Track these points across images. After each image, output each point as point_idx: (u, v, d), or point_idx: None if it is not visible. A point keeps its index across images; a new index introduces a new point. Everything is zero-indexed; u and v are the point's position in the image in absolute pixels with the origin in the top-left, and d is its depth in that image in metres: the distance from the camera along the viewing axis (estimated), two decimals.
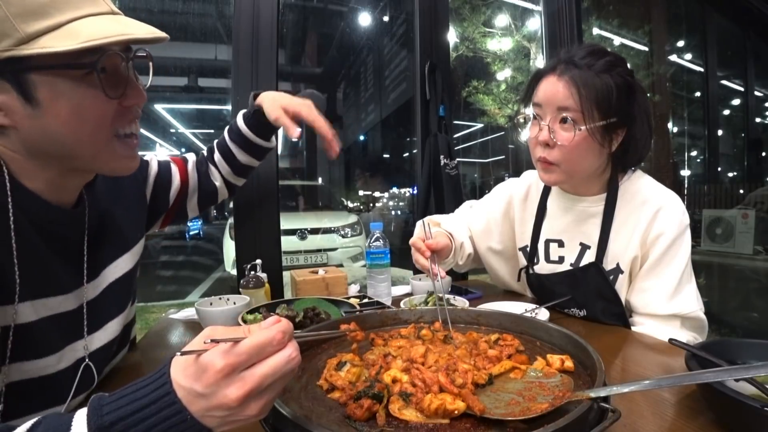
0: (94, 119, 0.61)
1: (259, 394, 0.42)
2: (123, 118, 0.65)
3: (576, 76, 0.96)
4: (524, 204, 1.27)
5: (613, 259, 1.07)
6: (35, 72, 0.56)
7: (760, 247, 3.66)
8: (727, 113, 6.85)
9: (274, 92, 1.15)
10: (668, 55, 5.98)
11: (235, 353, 0.41)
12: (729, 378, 0.55)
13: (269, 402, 0.43)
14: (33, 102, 0.57)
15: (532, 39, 6.69)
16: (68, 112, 0.59)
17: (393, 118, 6.88)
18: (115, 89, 0.62)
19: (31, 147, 0.61)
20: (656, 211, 1.03)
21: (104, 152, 0.65)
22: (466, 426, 0.51)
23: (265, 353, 0.42)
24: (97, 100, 0.60)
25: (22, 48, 0.54)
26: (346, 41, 8.27)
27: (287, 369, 0.43)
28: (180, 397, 0.41)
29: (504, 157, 10.17)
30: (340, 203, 8.33)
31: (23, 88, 0.56)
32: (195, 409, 0.41)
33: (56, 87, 0.57)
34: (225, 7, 6.63)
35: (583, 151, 0.99)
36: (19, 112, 0.58)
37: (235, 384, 0.41)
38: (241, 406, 0.41)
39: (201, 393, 0.41)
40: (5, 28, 0.53)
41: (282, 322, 0.44)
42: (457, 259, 1.27)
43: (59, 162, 0.64)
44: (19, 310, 0.61)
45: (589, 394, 0.49)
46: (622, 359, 0.88)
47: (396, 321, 0.86)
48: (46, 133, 0.59)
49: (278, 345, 0.43)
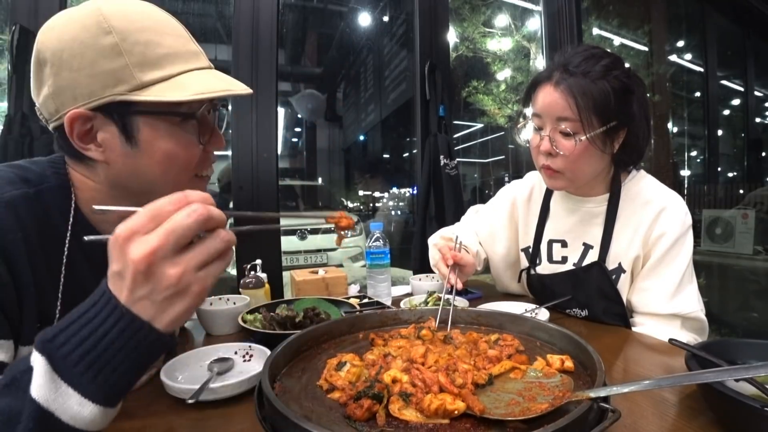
0: (184, 161, 0.66)
1: (171, 257, 0.40)
2: (204, 161, 0.71)
3: (573, 85, 0.95)
4: (527, 205, 1.27)
5: (615, 258, 1.07)
6: (141, 115, 0.61)
7: (760, 247, 3.66)
8: (727, 113, 6.85)
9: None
10: (668, 55, 5.97)
11: (132, 218, 0.41)
12: (729, 378, 0.55)
13: (191, 270, 0.41)
14: (132, 142, 0.62)
15: (532, 39, 6.69)
16: (163, 153, 0.64)
17: (393, 118, 6.87)
18: (204, 136, 0.68)
19: (114, 180, 0.65)
20: (659, 211, 1.03)
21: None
22: (466, 426, 0.50)
23: (165, 213, 0.41)
24: (189, 144, 0.66)
25: (135, 94, 0.59)
26: (346, 41, 8.27)
27: (189, 222, 0.40)
28: (111, 290, 0.41)
29: (504, 157, 10.16)
30: (340, 203, 8.32)
31: (126, 129, 0.61)
32: (123, 296, 0.41)
33: (157, 131, 0.63)
34: (225, 7, 6.63)
35: (585, 158, 1.00)
36: (117, 150, 0.62)
37: (137, 245, 0.40)
38: (152, 271, 0.39)
39: (116, 271, 0.41)
40: (124, 76, 0.59)
41: (191, 191, 0.43)
42: (476, 268, 1.30)
43: (135, 196, 0.67)
44: None
45: (589, 394, 0.49)
46: (622, 359, 0.88)
47: (396, 321, 0.86)
48: (136, 170, 0.64)
49: (177, 203, 0.41)
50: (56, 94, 0.59)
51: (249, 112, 1.69)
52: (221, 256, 0.44)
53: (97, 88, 0.58)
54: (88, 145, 0.62)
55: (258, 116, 1.70)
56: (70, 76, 0.58)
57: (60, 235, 0.63)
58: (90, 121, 0.60)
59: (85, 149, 0.62)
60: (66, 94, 0.59)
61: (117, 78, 0.58)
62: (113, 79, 0.58)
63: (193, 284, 0.41)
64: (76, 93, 0.59)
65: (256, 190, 1.67)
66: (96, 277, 0.66)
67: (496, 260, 1.34)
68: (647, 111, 1.03)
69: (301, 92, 9.01)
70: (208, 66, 0.68)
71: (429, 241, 1.30)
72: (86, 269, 0.66)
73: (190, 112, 0.64)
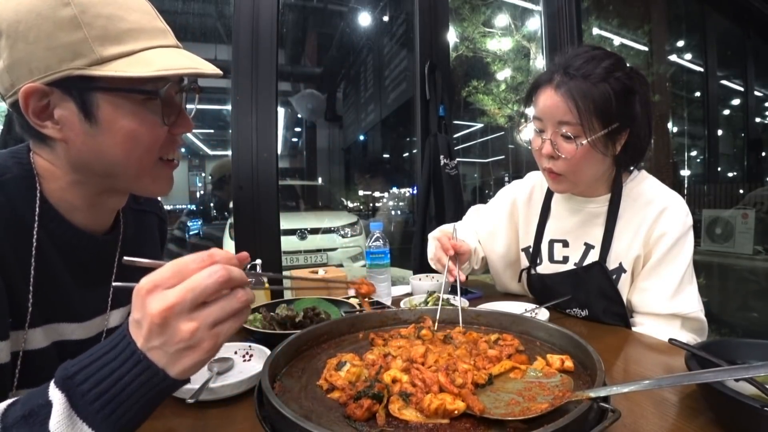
0: (147, 143, 0.64)
1: (186, 313, 0.42)
2: (170, 144, 0.68)
3: (573, 88, 0.95)
4: (528, 205, 1.28)
5: (616, 258, 1.07)
6: (101, 92, 0.59)
7: (760, 247, 3.66)
8: (727, 113, 6.85)
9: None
10: (668, 55, 5.97)
11: (156, 272, 0.42)
12: (729, 378, 0.55)
13: (205, 327, 0.43)
14: (92, 120, 0.59)
15: (532, 39, 6.68)
16: (125, 133, 0.61)
17: (393, 118, 6.87)
18: (169, 117, 0.65)
19: (76, 162, 0.63)
20: (660, 211, 1.03)
21: (148, 174, 0.67)
22: (466, 426, 0.50)
23: (188, 271, 0.43)
24: (153, 125, 0.63)
25: (94, 68, 0.56)
26: (346, 41, 8.26)
27: (209, 283, 0.42)
28: (131, 335, 0.43)
29: (504, 157, 10.16)
30: (340, 203, 8.32)
31: (85, 106, 0.59)
32: (140, 342, 0.42)
33: (118, 109, 0.60)
34: (225, 7, 6.63)
35: (587, 161, 1.00)
36: (76, 127, 0.60)
37: (156, 299, 0.41)
38: (167, 324, 0.41)
39: (136, 320, 0.42)
40: (82, 49, 0.56)
41: (217, 250, 0.45)
42: (473, 265, 1.31)
43: (100, 179, 0.65)
44: (30, 336, 0.61)
45: (588, 394, 0.49)
46: (622, 359, 0.88)
47: (396, 321, 0.86)
48: (97, 150, 0.61)
49: (202, 263, 0.43)
50: (11, 67, 0.57)
51: (249, 112, 1.69)
52: (236, 315, 0.45)
53: (53, 62, 0.56)
54: (44, 122, 0.59)
55: (258, 116, 1.70)
56: (26, 49, 0.55)
57: (27, 225, 0.61)
58: (46, 97, 0.58)
59: (42, 126, 0.59)
60: (21, 68, 0.56)
61: (75, 52, 0.56)
62: (71, 53, 0.56)
63: (205, 340, 0.43)
64: (32, 67, 0.56)
65: (256, 190, 1.67)
66: (67, 265, 0.65)
67: (495, 259, 1.34)
68: (649, 110, 1.03)
69: (301, 92, 9.01)
70: (175, 44, 0.65)
71: (429, 236, 1.30)
72: (57, 258, 0.64)
73: (154, 90, 0.61)
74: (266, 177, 1.68)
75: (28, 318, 0.60)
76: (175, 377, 0.43)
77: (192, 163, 12.04)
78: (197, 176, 11.14)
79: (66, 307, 0.67)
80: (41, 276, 0.61)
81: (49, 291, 0.63)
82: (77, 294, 0.69)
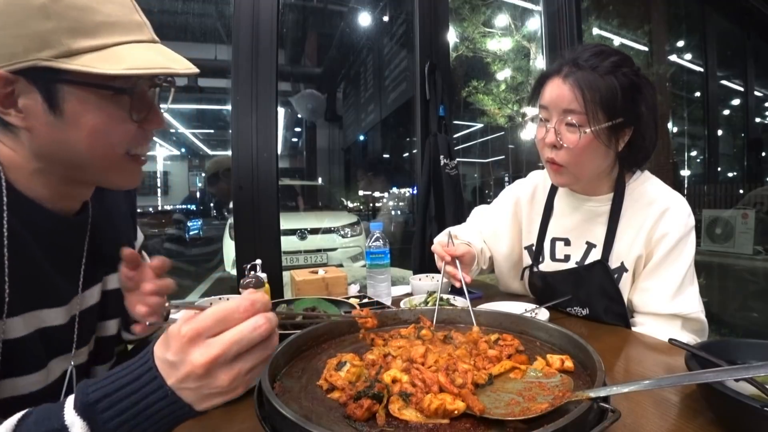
0: (114, 138, 0.63)
1: (228, 363, 0.42)
2: (139, 139, 0.66)
3: (580, 78, 0.97)
4: (531, 204, 1.28)
5: (618, 257, 1.07)
6: (68, 85, 0.57)
7: (760, 247, 3.66)
8: (727, 113, 6.85)
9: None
10: (668, 55, 5.97)
11: (199, 319, 0.42)
12: (729, 378, 0.55)
13: (243, 375, 0.43)
14: (57, 112, 0.58)
15: (532, 39, 6.69)
16: (91, 127, 0.60)
17: (393, 118, 6.87)
18: (139, 113, 0.63)
19: (40, 151, 0.62)
20: (663, 211, 1.03)
21: (114, 169, 0.66)
22: (466, 426, 0.50)
23: (232, 320, 0.42)
24: (121, 120, 0.62)
25: (62, 61, 0.55)
26: (346, 41, 8.26)
27: (254, 336, 0.42)
28: (160, 371, 0.42)
29: (504, 157, 10.17)
30: (340, 203, 8.32)
31: (51, 97, 0.57)
32: (171, 381, 0.42)
33: (85, 103, 0.59)
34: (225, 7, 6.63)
35: (589, 153, 1.00)
36: (40, 118, 0.59)
37: (199, 349, 0.41)
38: (209, 374, 0.41)
39: (171, 361, 0.41)
40: (51, 40, 0.55)
41: (256, 292, 0.45)
42: (481, 265, 1.31)
43: (64, 170, 0.64)
44: (9, 325, 0.60)
45: (588, 394, 0.49)
46: (623, 360, 0.88)
47: (396, 321, 0.86)
48: (61, 142, 0.60)
49: (245, 312, 0.43)
50: None
51: (249, 112, 1.69)
52: (267, 358, 0.45)
53: (19, 50, 0.54)
54: (8, 110, 0.58)
55: (258, 116, 1.70)
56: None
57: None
58: (11, 85, 0.56)
59: (5, 113, 0.58)
60: None
61: (43, 41, 0.54)
62: (38, 43, 0.54)
63: (240, 386, 0.44)
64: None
65: (256, 189, 1.67)
66: (42, 249, 0.64)
67: (500, 259, 1.34)
68: (656, 114, 1.03)
69: (301, 92, 9.01)
70: (151, 39, 0.64)
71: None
72: (32, 243, 0.63)
73: (123, 87, 0.60)
74: (266, 177, 1.68)
75: (5, 307, 0.59)
76: (199, 410, 0.44)
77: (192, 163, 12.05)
78: (197, 176, 11.15)
79: (46, 292, 0.66)
80: (17, 263, 0.60)
81: (27, 277, 0.62)
82: (56, 277, 0.68)
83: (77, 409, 0.42)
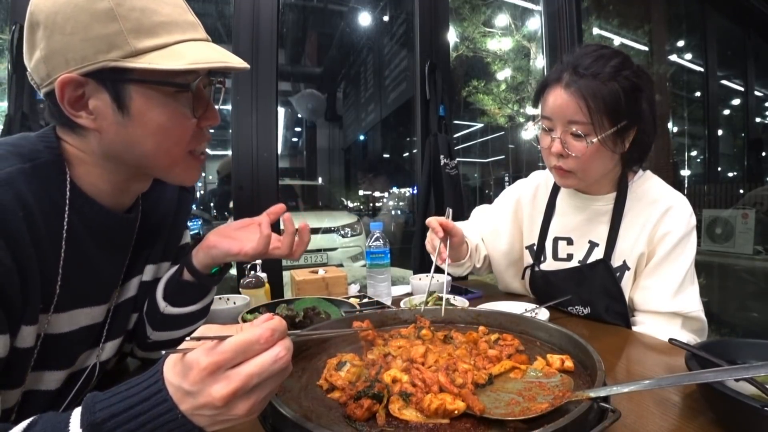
0: (177, 135, 0.65)
1: (246, 393, 0.41)
2: (199, 136, 0.69)
3: (583, 87, 0.95)
4: (533, 203, 1.28)
5: (620, 256, 1.08)
6: (134, 84, 0.60)
7: (760, 247, 3.66)
8: (727, 113, 6.85)
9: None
10: (668, 55, 5.97)
11: (219, 351, 0.40)
12: (729, 378, 0.55)
13: (259, 402, 0.43)
14: (124, 111, 0.60)
15: (532, 39, 6.69)
16: (156, 125, 0.62)
17: (393, 118, 6.86)
18: (198, 109, 0.66)
19: (107, 151, 0.64)
20: (665, 210, 1.04)
21: (178, 166, 0.68)
22: (466, 426, 0.50)
23: (252, 351, 0.41)
24: (183, 117, 0.65)
25: (128, 60, 0.57)
26: (346, 41, 8.26)
27: (275, 368, 0.42)
28: (171, 395, 0.41)
29: (504, 156, 10.16)
30: (340, 203, 8.32)
31: (119, 97, 0.60)
32: (184, 407, 0.41)
33: (150, 100, 0.61)
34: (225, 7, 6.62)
35: (596, 159, 1.01)
36: (108, 118, 0.61)
37: (220, 382, 0.40)
38: (228, 405, 0.41)
39: (188, 391, 0.41)
40: (118, 41, 0.57)
41: (274, 319, 0.44)
42: (474, 262, 1.31)
43: (129, 168, 0.66)
44: (54, 320, 0.61)
45: (589, 394, 0.49)
46: (623, 360, 0.88)
47: (396, 321, 0.86)
48: (128, 141, 0.63)
49: (266, 343, 0.42)
50: (48, 57, 0.58)
51: (249, 112, 1.69)
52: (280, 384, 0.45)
53: (89, 53, 0.57)
54: (79, 112, 0.60)
55: (258, 116, 1.70)
56: (63, 40, 0.56)
57: (59, 209, 0.61)
58: (81, 87, 0.59)
59: (76, 116, 0.60)
60: (58, 58, 0.57)
61: (110, 43, 0.57)
62: (106, 45, 0.57)
63: (256, 412, 0.43)
64: (68, 57, 0.57)
65: (256, 189, 1.67)
66: (97, 245, 0.67)
67: (498, 257, 1.34)
68: (653, 108, 1.04)
69: (301, 92, 9.01)
70: (205, 38, 0.67)
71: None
72: (88, 240, 0.65)
73: (185, 83, 0.62)
74: (266, 177, 1.68)
75: (55, 301, 0.61)
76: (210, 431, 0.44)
77: None
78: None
79: (94, 289, 0.68)
80: (71, 258, 0.62)
81: (79, 274, 0.64)
82: (102, 273, 0.70)
83: (83, 427, 0.41)
